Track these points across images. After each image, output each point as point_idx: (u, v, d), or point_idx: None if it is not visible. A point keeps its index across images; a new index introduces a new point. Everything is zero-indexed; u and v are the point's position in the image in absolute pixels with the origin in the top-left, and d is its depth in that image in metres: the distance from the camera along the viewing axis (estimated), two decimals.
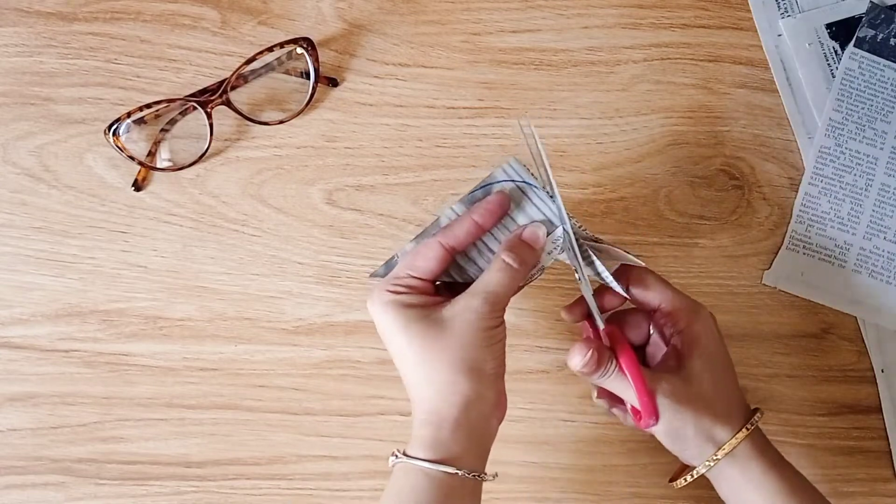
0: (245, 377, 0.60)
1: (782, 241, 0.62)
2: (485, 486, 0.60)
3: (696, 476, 0.50)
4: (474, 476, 0.46)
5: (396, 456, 0.46)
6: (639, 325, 0.53)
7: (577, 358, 0.47)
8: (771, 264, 0.61)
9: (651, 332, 0.53)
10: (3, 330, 0.60)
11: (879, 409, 0.61)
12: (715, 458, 0.48)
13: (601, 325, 0.50)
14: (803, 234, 0.62)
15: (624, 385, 0.48)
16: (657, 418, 0.48)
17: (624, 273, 0.51)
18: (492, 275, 0.48)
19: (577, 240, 0.50)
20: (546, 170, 0.49)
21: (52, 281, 0.61)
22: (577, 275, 0.50)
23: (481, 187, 0.50)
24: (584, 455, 0.60)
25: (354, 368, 0.60)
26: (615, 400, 0.52)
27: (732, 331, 0.61)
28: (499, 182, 0.51)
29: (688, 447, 0.49)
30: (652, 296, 0.51)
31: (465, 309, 0.46)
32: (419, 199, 0.62)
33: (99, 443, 0.60)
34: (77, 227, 0.61)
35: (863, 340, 0.61)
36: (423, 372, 0.46)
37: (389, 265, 0.50)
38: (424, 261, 0.48)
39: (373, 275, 0.50)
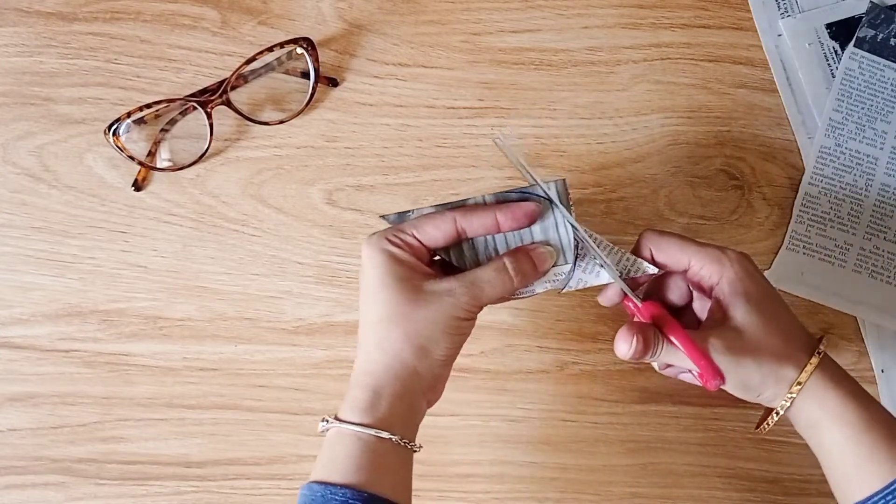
0: (245, 377, 0.60)
1: (782, 241, 0.62)
2: (485, 486, 0.60)
3: (776, 418, 0.48)
4: (405, 444, 0.46)
5: (327, 420, 0.46)
6: (677, 286, 0.52)
7: (623, 346, 0.46)
8: (771, 264, 0.61)
9: (691, 289, 0.52)
10: (3, 330, 0.60)
11: None
12: (790, 395, 0.47)
13: (639, 303, 0.49)
14: (803, 234, 0.62)
15: (679, 355, 0.47)
16: (722, 378, 0.47)
17: (643, 242, 0.50)
18: (487, 272, 0.47)
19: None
20: (529, 173, 0.48)
21: (52, 281, 0.61)
22: (597, 261, 0.49)
23: (518, 191, 0.49)
24: (584, 455, 0.60)
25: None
26: (679, 369, 0.50)
27: None
28: (537, 195, 0.49)
29: (763, 392, 0.48)
30: (674, 257, 0.50)
31: (446, 290, 0.46)
32: (419, 199, 0.62)
33: (99, 443, 0.60)
34: (77, 227, 0.61)
35: (863, 340, 0.61)
36: (379, 331, 0.46)
37: (402, 216, 0.49)
38: (434, 229, 0.47)
39: (383, 216, 0.50)
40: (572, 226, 0.49)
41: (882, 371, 0.61)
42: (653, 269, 0.49)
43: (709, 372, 0.46)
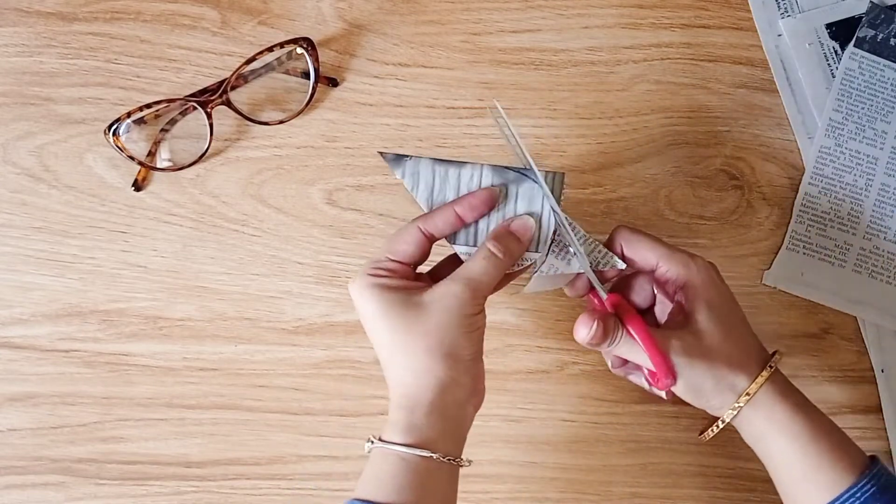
0: (245, 377, 0.60)
1: (782, 241, 0.62)
2: (485, 486, 0.60)
3: (721, 427, 0.49)
4: (449, 460, 0.45)
5: (372, 441, 0.46)
6: (642, 287, 0.53)
7: (583, 330, 0.47)
8: (771, 264, 0.61)
9: (655, 292, 0.53)
10: (3, 330, 0.60)
11: (879, 409, 0.61)
12: (737, 405, 0.48)
13: (604, 296, 0.49)
14: (803, 234, 0.62)
15: (636, 350, 0.48)
16: (675, 377, 0.47)
17: (615, 237, 0.51)
18: (475, 262, 0.48)
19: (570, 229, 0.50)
20: (522, 150, 0.49)
21: (52, 281, 0.61)
22: (571, 249, 0.50)
23: (515, 169, 0.50)
24: (584, 455, 0.60)
25: (354, 368, 0.60)
26: (631, 367, 0.52)
27: None
28: (522, 172, 0.50)
29: (711, 399, 0.48)
30: (644, 256, 0.50)
31: (445, 294, 0.46)
32: None
33: (99, 443, 0.60)
34: (77, 227, 0.61)
35: (863, 340, 0.61)
36: (400, 355, 0.46)
37: (398, 160, 0.50)
38: (403, 244, 0.48)
39: (382, 153, 0.50)
40: (552, 209, 0.49)
41: (882, 371, 0.61)
42: (621, 265, 0.50)
43: (662, 369, 0.47)
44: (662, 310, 0.53)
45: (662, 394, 0.50)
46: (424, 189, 0.50)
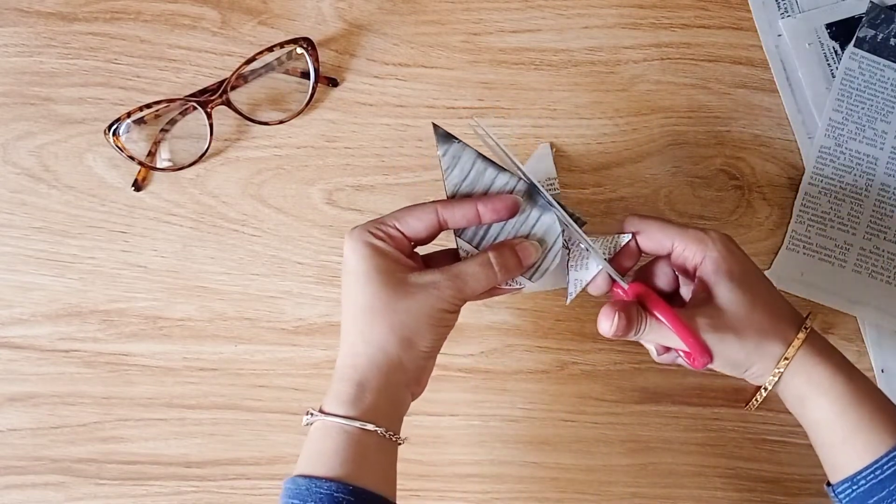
0: (245, 377, 0.60)
1: (782, 241, 0.62)
2: (485, 486, 0.60)
3: (764, 394, 0.48)
4: (390, 436, 0.45)
5: (311, 414, 0.46)
6: (663, 271, 0.52)
7: (606, 323, 0.46)
8: (771, 264, 0.61)
9: (677, 275, 0.52)
10: (3, 330, 0.60)
11: None
12: (777, 370, 0.47)
13: (625, 285, 0.49)
14: (803, 234, 0.62)
15: (666, 334, 0.47)
16: (710, 355, 0.47)
17: (626, 227, 0.50)
18: (471, 265, 0.47)
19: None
20: (511, 159, 0.48)
21: (52, 281, 0.61)
22: (583, 245, 0.49)
23: (547, 200, 0.49)
24: (584, 455, 0.60)
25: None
26: (674, 353, 0.51)
27: None
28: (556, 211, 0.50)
29: (750, 369, 0.48)
30: (657, 240, 0.50)
31: (430, 283, 0.46)
32: (419, 199, 0.61)
33: (99, 443, 0.60)
34: (77, 227, 0.61)
35: (863, 340, 0.61)
36: (362, 322, 0.46)
37: (446, 139, 0.49)
38: (416, 221, 0.47)
39: (434, 124, 0.49)
40: (557, 207, 0.49)
41: (882, 371, 0.61)
42: (626, 237, 0.50)
43: (696, 349, 0.46)
44: (688, 291, 0.52)
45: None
46: (458, 175, 0.49)
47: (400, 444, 0.47)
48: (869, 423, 0.46)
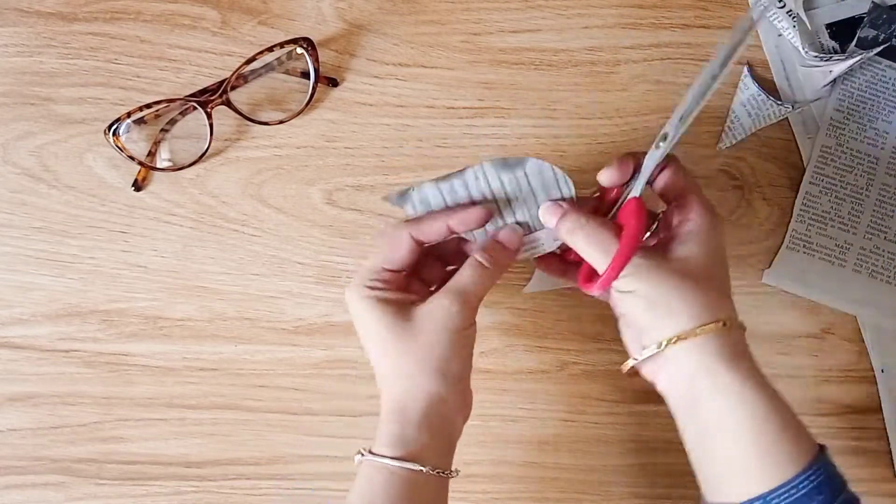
0: (245, 377, 0.60)
1: (783, 241, 0.62)
2: (485, 486, 0.60)
3: (640, 358, 0.46)
4: (438, 473, 0.46)
5: (362, 454, 0.47)
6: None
7: (550, 216, 0.49)
8: (771, 263, 0.61)
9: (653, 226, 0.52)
10: (3, 330, 0.60)
11: (879, 409, 0.61)
12: (662, 343, 0.44)
13: (639, 192, 0.48)
14: (804, 234, 0.62)
15: (595, 246, 0.47)
16: (600, 287, 0.46)
17: (663, 162, 0.50)
18: (464, 274, 0.48)
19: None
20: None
21: (52, 281, 0.61)
22: (659, 141, 0.48)
23: (515, 159, 0.50)
24: (584, 455, 0.60)
25: (354, 368, 0.60)
26: (555, 267, 0.52)
27: None
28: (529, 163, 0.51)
29: (645, 331, 0.46)
30: (677, 184, 0.49)
31: (436, 308, 0.47)
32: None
33: (99, 443, 0.60)
34: (77, 227, 0.61)
35: (863, 340, 0.61)
36: (392, 368, 0.47)
37: (404, 196, 0.50)
38: (399, 252, 0.49)
39: (385, 198, 0.51)
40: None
41: (882, 371, 0.61)
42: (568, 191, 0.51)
43: (610, 272, 0.45)
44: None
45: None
46: (435, 206, 0.51)
47: (452, 477, 0.47)
48: (785, 439, 0.43)
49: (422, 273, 0.52)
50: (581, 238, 0.48)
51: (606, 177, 0.49)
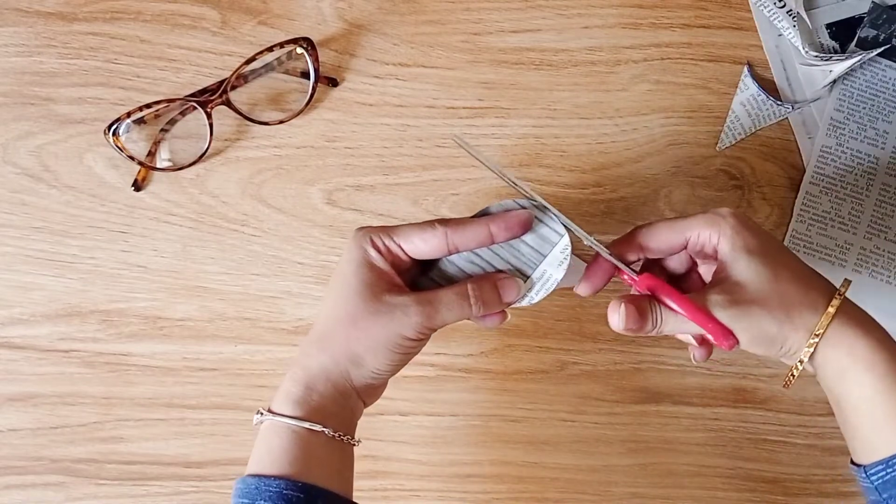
0: (245, 377, 0.60)
1: (783, 241, 0.62)
2: (485, 486, 0.60)
3: (800, 368, 0.46)
4: (340, 437, 0.45)
5: (262, 413, 0.46)
6: (675, 261, 0.51)
7: (615, 317, 0.45)
8: None
9: (691, 256, 0.50)
10: (3, 330, 0.60)
11: None
12: (812, 341, 0.44)
13: (635, 276, 0.47)
14: (804, 234, 0.62)
15: (684, 321, 0.45)
16: (733, 335, 0.45)
17: (632, 241, 0.48)
18: (448, 294, 0.46)
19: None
20: (501, 172, 0.46)
21: (52, 281, 0.61)
22: (586, 242, 0.47)
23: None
24: (584, 455, 0.60)
25: None
26: (707, 344, 0.49)
27: None
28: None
29: (784, 345, 0.45)
30: (668, 241, 0.48)
31: (400, 305, 0.45)
32: (419, 199, 0.62)
33: (99, 443, 0.60)
34: (77, 227, 0.61)
35: None
36: (326, 328, 0.46)
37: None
38: (422, 242, 0.46)
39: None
40: (557, 213, 0.47)
41: None
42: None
43: (716, 332, 0.44)
44: (708, 270, 0.50)
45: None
46: None
47: (354, 445, 0.47)
48: None
49: (422, 278, 0.51)
50: (670, 330, 0.47)
51: (584, 290, 0.48)
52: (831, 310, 0.44)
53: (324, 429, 0.44)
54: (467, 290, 0.46)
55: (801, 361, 0.45)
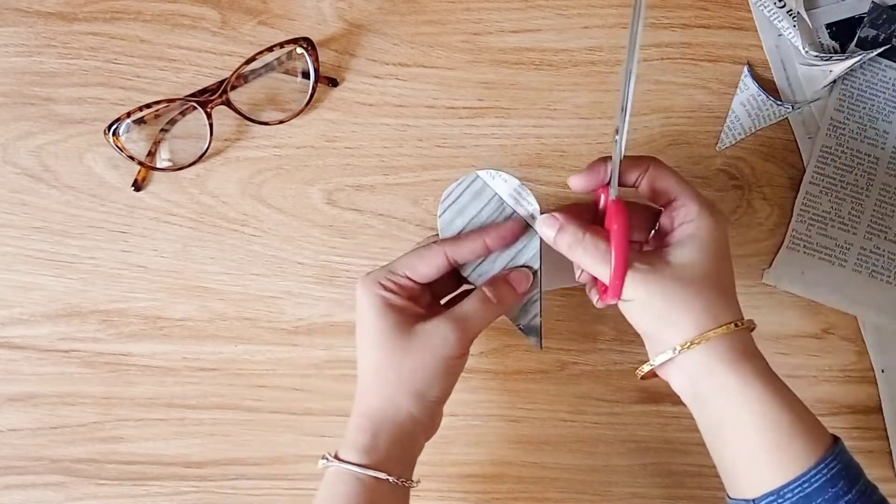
0: (245, 377, 0.60)
1: (783, 241, 0.62)
2: (485, 486, 0.60)
3: (646, 369, 0.47)
4: (402, 482, 0.47)
5: (327, 458, 0.48)
6: (641, 224, 0.51)
7: (550, 230, 0.47)
8: (771, 263, 0.61)
9: (651, 231, 0.51)
10: (3, 330, 0.60)
11: (879, 409, 0.60)
12: (676, 349, 0.44)
13: (613, 194, 0.47)
14: (804, 234, 0.62)
15: (596, 260, 0.46)
16: (619, 294, 0.45)
17: (642, 164, 0.48)
18: (470, 304, 0.49)
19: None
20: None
21: (52, 281, 0.61)
22: (616, 135, 0.47)
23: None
24: (584, 455, 0.60)
25: (354, 368, 0.60)
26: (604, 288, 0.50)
27: None
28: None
29: (655, 336, 0.46)
30: (664, 187, 0.48)
31: (435, 330, 0.47)
32: (419, 199, 0.62)
33: (99, 443, 0.60)
34: (77, 227, 0.61)
35: (863, 340, 0.61)
36: (376, 377, 0.48)
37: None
38: (426, 267, 0.49)
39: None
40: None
41: (882, 371, 0.61)
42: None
43: (615, 284, 0.45)
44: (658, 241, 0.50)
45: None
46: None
47: (413, 487, 0.49)
48: (795, 434, 0.43)
49: (433, 285, 0.51)
50: (580, 253, 0.47)
51: (576, 182, 0.48)
52: (722, 329, 0.44)
53: (388, 476, 0.47)
54: (485, 293, 0.49)
55: (651, 363, 0.46)
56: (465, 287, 0.53)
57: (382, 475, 0.46)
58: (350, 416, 0.49)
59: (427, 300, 0.51)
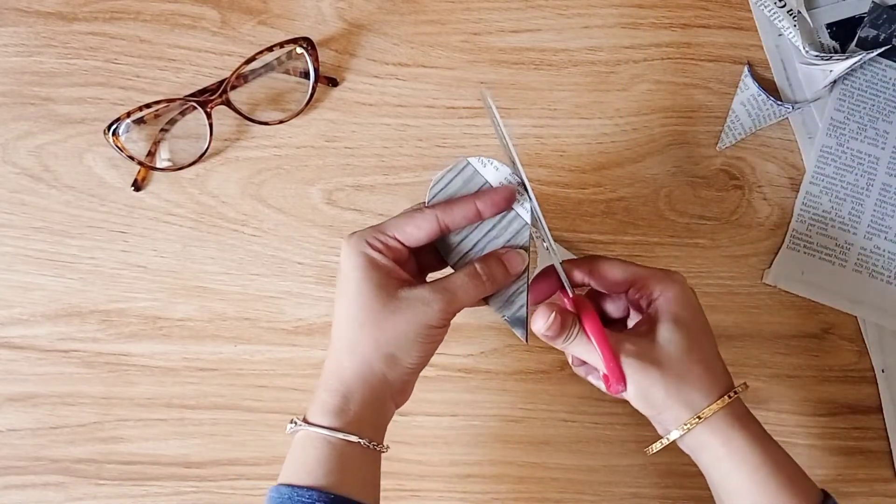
0: (245, 377, 0.60)
1: (783, 241, 0.62)
2: (485, 486, 0.60)
3: (666, 443, 0.49)
4: (373, 446, 0.46)
5: (296, 423, 0.46)
6: (618, 297, 0.52)
7: (540, 321, 0.47)
8: (771, 263, 0.61)
9: (629, 306, 0.52)
10: (3, 330, 0.60)
11: (879, 409, 0.60)
12: (687, 426, 0.47)
13: (571, 293, 0.49)
14: (804, 234, 0.62)
15: (590, 350, 0.48)
16: (625, 383, 0.47)
17: (584, 263, 0.50)
18: (459, 278, 0.47)
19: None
20: (507, 141, 0.47)
21: (52, 281, 0.61)
22: (545, 244, 0.48)
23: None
24: (584, 455, 0.60)
25: None
26: (591, 368, 0.51)
27: (732, 331, 0.61)
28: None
29: (662, 412, 0.48)
30: (614, 276, 0.50)
31: (419, 298, 0.46)
32: (419, 199, 0.61)
33: (99, 443, 0.60)
34: (77, 227, 0.61)
35: (863, 340, 0.61)
36: (350, 335, 0.46)
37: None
38: (416, 229, 0.47)
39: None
40: (534, 211, 0.49)
41: (882, 371, 0.61)
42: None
43: (614, 373, 0.47)
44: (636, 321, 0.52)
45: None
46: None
47: (383, 452, 0.47)
48: (786, 494, 0.46)
49: (419, 256, 0.50)
50: (575, 351, 0.49)
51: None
52: (720, 402, 0.47)
53: (359, 439, 0.45)
54: (476, 269, 0.48)
55: (666, 439, 0.48)
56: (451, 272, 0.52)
57: (353, 438, 0.45)
58: (319, 377, 0.48)
59: (413, 269, 0.49)
